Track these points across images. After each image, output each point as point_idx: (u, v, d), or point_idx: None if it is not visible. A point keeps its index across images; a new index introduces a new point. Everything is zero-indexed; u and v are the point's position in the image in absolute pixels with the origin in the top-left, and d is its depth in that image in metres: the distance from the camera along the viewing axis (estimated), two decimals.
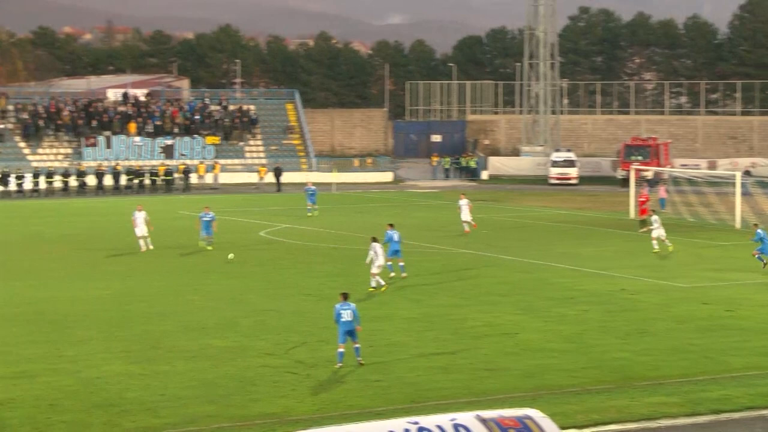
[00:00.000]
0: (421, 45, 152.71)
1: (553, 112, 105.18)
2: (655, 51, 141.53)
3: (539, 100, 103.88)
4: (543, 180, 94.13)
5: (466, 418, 14.12)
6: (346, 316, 26.26)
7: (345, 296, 26.90)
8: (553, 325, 31.28)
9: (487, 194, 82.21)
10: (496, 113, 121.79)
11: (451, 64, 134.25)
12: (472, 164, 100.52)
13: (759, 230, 42.93)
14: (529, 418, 14.38)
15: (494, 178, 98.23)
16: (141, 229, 47.35)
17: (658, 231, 47.14)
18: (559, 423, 15.78)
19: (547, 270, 42.09)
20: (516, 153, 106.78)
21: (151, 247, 47.24)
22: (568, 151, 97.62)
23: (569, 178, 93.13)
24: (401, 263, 40.15)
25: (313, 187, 63.31)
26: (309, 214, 60.47)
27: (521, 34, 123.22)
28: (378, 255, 37.10)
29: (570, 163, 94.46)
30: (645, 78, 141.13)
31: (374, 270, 37.08)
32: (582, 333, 30.25)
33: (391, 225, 41.26)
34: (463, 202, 54.54)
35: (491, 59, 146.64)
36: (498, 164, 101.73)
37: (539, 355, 27.56)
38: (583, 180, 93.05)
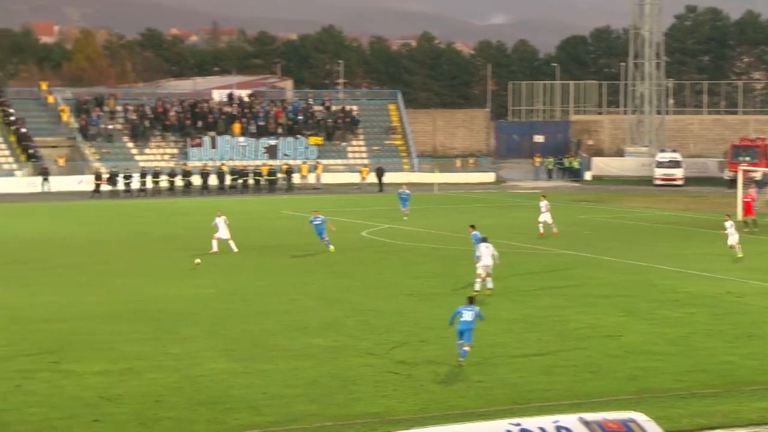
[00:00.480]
0: (524, 45, 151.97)
1: (659, 112, 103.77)
2: (764, 50, 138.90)
3: (644, 100, 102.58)
4: (647, 181, 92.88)
5: (569, 420, 14.00)
6: (467, 316, 26.32)
7: (471, 300, 27.45)
8: (657, 328, 30.84)
9: (590, 195, 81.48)
10: (600, 113, 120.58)
11: (554, 64, 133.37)
12: (575, 165, 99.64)
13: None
14: (633, 421, 14.20)
15: (598, 179, 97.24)
16: (223, 233, 47.29)
17: (732, 237, 45.78)
18: (664, 427, 15.55)
19: (650, 271, 41.52)
20: (620, 153, 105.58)
21: (236, 250, 47.23)
22: (674, 151, 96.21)
23: (674, 179, 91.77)
24: None
25: (407, 191, 62.30)
26: (405, 218, 59.78)
27: (626, 33, 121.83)
28: (483, 255, 36.59)
29: (675, 164, 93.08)
30: (754, 77, 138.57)
31: (480, 271, 36.58)
32: (687, 336, 29.77)
33: (472, 226, 41.30)
34: (543, 204, 53.67)
35: (595, 59, 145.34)
36: (601, 165, 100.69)
37: (643, 357, 27.19)
38: (689, 181, 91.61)
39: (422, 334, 29.82)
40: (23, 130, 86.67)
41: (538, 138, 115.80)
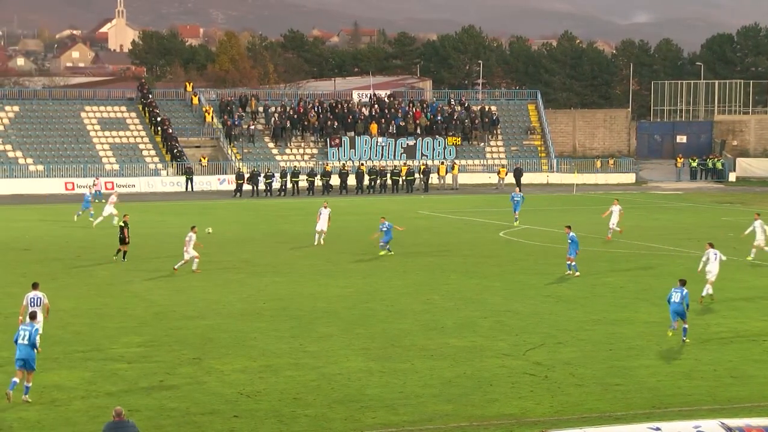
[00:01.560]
0: (667, 44, 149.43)
1: None
2: None
3: None
4: None
5: (710, 425, 13.76)
6: (676, 298, 28.99)
7: (682, 282, 29.76)
8: None
9: (734, 196, 79.72)
10: (745, 113, 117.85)
11: (698, 63, 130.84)
12: (719, 166, 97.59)
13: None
14: None
15: (742, 180, 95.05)
16: (321, 224, 48.85)
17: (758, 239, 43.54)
18: None
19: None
20: (766, 154, 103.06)
21: (322, 243, 48.35)
22: None
23: None
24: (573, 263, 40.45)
25: (521, 194, 59.35)
26: (516, 223, 57.43)
27: None
28: (711, 262, 35.08)
29: None
30: None
31: (710, 277, 34.91)
32: None
33: (569, 227, 41.52)
34: (616, 208, 51.89)
35: (742, 57, 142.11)
36: (746, 165, 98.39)
37: None
38: None
39: (559, 335, 29.58)
40: (169, 130, 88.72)
41: (681, 138, 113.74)
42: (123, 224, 44.78)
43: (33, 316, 25.48)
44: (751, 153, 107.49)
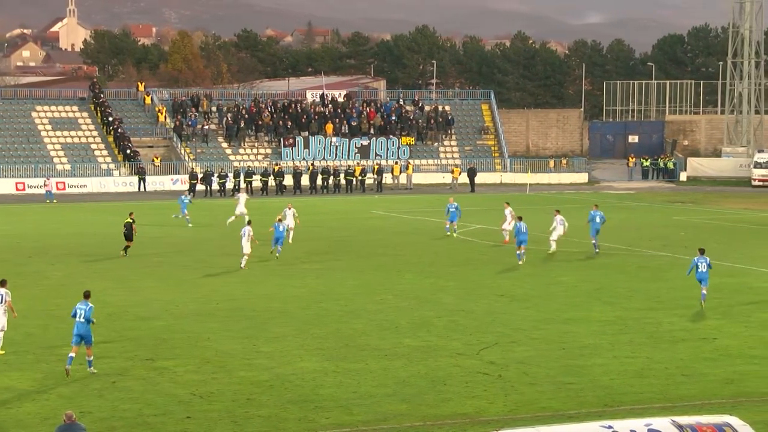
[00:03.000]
0: (619, 44, 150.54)
1: (757, 112, 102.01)
2: None
3: (742, 99, 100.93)
4: (745, 182, 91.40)
5: (661, 423, 13.86)
6: (702, 267, 33.43)
7: (702, 251, 34.11)
8: (754, 331, 30.33)
9: (686, 196, 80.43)
10: (696, 113, 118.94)
11: (650, 64, 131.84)
12: (670, 165, 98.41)
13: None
14: (729, 425, 14.01)
15: (693, 180, 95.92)
16: (289, 222, 49.43)
17: None
18: None
19: (747, 274, 40.84)
20: (717, 154, 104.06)
21: (290, 242, 48.53)
22: None
23: None
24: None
25: (456, 204, 54.30)
26: (447, 233, 53.91)
27: (725, 32, 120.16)
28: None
29: None
30: None
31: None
32: None
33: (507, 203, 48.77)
34: (508, 212, 50.76)
35: (693, 58, 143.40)
36: (697, 165, 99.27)
37: (739, 361, 26.75)
38: None
39: (512, 335, 29.70)
40: (120, 130, 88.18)
41: (633, 138, 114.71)
42: (129, 221, 46.07)
43: None
44: (701, 153, 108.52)
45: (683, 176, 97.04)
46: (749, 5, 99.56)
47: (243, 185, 78.02)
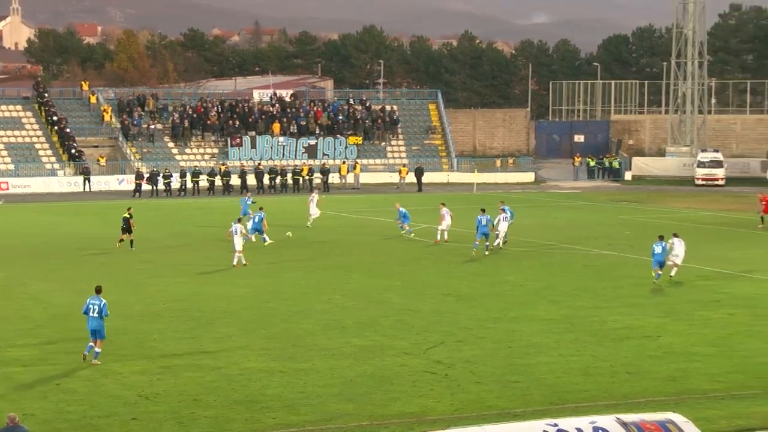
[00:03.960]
0: (565, 44, 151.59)
1: (701, 112, 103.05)
2: None
3: (686, 99, 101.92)
4: (689, 181, 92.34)
5: (606, 421, 13.97)
6: (658, 249, 37.81)
7: (661, 237, 38.06)
8: (697, 329, 30.66)
9: (631, 195, 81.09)
10: (641, 113, 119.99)
11: (595, 64, 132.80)
12: (616, 165, 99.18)
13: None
14: (672, 422, 14.15)
15: (638, 179, 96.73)
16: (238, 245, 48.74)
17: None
18: (702, 428, 15.49)
19: (691, 272, 41.24)
20: (661, 153, 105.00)
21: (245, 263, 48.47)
22: (716, 151, 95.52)
23: (716, 179, 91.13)
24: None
25: (403, 210, 53.17)
26: (405, 233, 52.96)
27: (669, 32, 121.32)
28: (676, 247, 39.42)
29: (717, 164, 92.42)
30: None
31: (677, 261, 39.23)
32: (727, 337, 29.56)
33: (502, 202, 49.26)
34: (445, 211, 51.19)
35: (637, 58, 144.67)
36: (642, 165, 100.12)
37: (682, 358, 27.03)
38: (731, 181, 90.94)
39: (459, 334, 29.81)
40: (66, 129, 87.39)
41: (579, 138, 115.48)
42: (128, 215, 48.03)
43: None
44: (646, 152, 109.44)
45: (628, 175, 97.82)
46: (692, 6, 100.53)
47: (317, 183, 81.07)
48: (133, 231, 48.02)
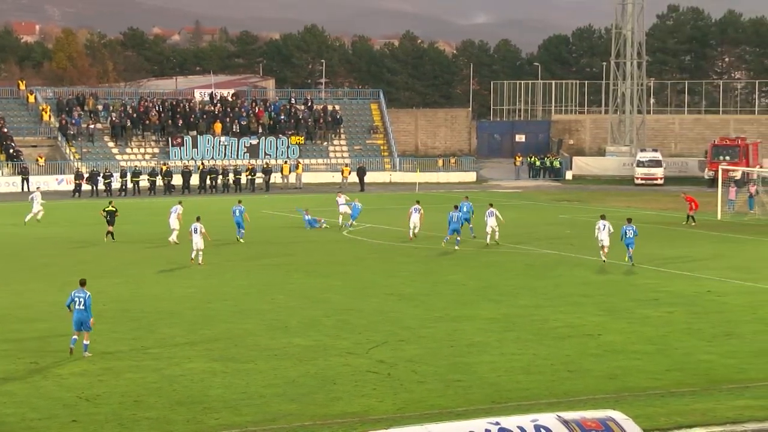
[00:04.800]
0: (506, 44, 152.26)
1: (640, 112, 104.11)
2: (745, 49, 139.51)
3: (625, 99, 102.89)
4: (628, 180, 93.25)
5: (547, 419, 14.04)
6: (629, 233, 42.39)
7: (629, 220, 42.90)
8: (636, 327, 30.94)
9: (571, 194, 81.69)
10: (581, 113, 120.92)
11: (536, 64, 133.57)
12: (556, 164, 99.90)
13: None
14: (612, 419, 14.26)
15: (578, 178, 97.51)
16: (173, 223, 49.48)
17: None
18: (642, 425, 15.62)
19: (630, 271, 41.67)
20: (601, 153, 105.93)
21: (177, 242, 48.64)
22: (655, 151, 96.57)
23: (655, 179, 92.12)
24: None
25: (242, 207, 52.17)
26: (239, 237, 51.71)
27: (608, 33, 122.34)
28: (601, 231, 43.43)
29: (656, 163, 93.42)
30: (734, 77, 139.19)
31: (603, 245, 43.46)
32: (666, 335, 29.88)
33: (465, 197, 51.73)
34: (341, 199, 54.54)
35: (577, 58, 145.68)
36: (582, 164, 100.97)
37: (622, 356, 27.27)
38: (670, 180, 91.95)
39: (401, 333, 29.86)
40: (4, 129, 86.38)
41: (520, 137, 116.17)
42: (112, 209, 50.51)
43: None
44: (586, 152, 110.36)
45: (569, 175, 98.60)
46: (631, 7, 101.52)
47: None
48: (113, 224, 50.51)
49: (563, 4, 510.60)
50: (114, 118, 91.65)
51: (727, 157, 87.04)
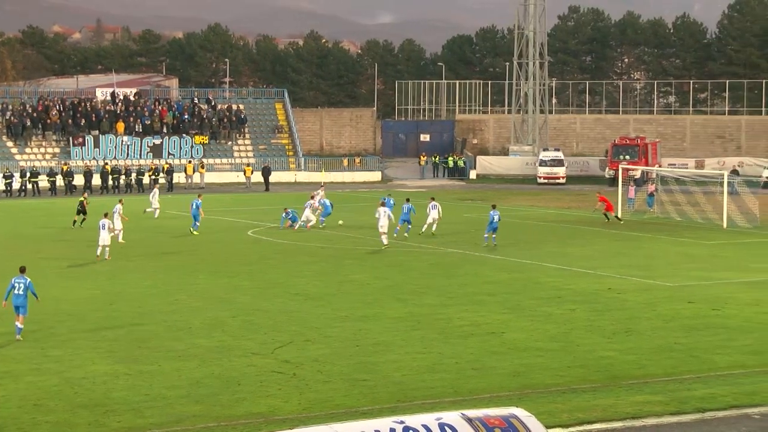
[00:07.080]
0: (410, 44, 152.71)
1: (542, 112, 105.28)
2: (644, 50, 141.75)
3: (528, 99, 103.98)
4: (531, 179, 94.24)
5: (451, 417, 14.10)
6: (495, 218, 46.92)
7: (494, 206, 47.49)
8: (539, 324, 31.28)
9: (476, 194, 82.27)
10: (484, 113, 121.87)
11: (440, 64, 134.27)
12: (461, 163, 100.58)
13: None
14: (515, 417, 14.37)
15: (482, 178, 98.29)
16: (117, 224, 49.52)
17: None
18: (545, 422, 15.81)
19: (534, 269, 42.13)
20: (504, 152, 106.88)
21: (123, 241, 49.05)
22: (557, 150, 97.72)
23: (557, 178, 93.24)
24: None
25: (199, 201, 54.91)
26: (193, 229, 54.07)
27: (510, 33, 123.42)
28: (431, 210, 51.15)
29: (558, 163, 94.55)
30: (634, 77, 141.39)
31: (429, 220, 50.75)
32: (568, 332, 30.26)
33: (408, 199, 53.47)
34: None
35: (480, 59, 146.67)
36: (486, 163, 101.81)
37: (525, 354, 27.55)
38: (572, 179, 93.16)
39: (307, 333, 29.82)
40: None
41: (424, 137, 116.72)
42: (83, 199, 55.58)
43: None
44: (490, 151, 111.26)
45: (473, 174, 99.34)
46: (533, 8, 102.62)
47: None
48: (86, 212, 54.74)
49: (467, 4, 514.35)
50: (12, 118, 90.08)
51: (627, 157, 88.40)
